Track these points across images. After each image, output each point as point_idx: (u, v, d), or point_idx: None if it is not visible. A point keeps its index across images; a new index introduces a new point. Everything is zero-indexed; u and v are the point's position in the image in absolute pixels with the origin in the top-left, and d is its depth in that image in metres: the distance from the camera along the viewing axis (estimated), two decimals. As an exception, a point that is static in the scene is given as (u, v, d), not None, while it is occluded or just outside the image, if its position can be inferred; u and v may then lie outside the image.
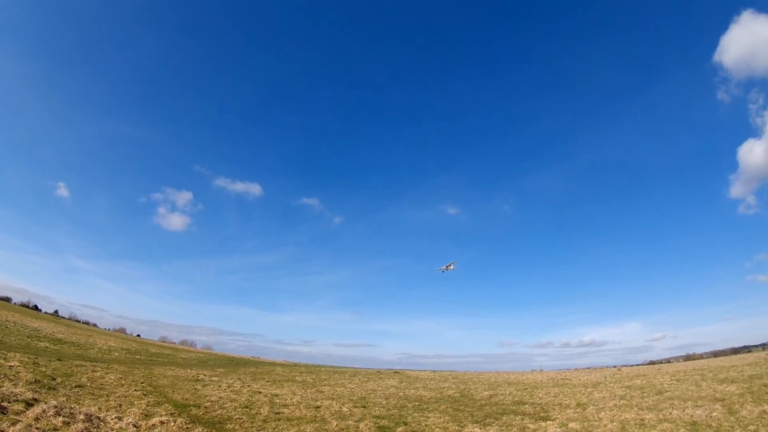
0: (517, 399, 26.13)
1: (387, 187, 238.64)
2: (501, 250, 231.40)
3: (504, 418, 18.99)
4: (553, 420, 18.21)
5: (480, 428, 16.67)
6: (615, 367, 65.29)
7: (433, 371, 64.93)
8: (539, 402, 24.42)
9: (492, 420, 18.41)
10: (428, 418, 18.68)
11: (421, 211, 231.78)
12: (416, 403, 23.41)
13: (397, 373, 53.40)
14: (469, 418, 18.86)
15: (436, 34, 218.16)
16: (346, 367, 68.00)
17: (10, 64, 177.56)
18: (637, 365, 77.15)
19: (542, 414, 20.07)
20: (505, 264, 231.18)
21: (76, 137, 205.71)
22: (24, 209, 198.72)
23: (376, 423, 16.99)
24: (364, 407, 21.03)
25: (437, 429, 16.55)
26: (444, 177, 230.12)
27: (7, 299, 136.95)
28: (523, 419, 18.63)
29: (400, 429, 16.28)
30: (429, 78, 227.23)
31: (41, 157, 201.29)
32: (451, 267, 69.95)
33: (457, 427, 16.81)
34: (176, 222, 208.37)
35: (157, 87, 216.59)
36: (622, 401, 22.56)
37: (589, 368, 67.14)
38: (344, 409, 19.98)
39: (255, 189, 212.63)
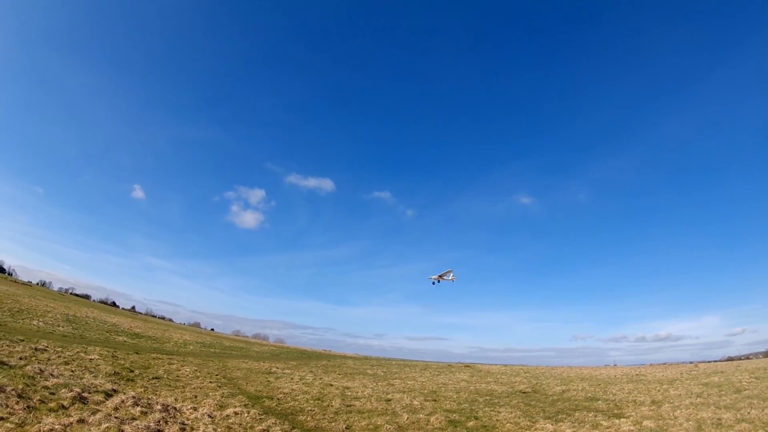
0: (589, 395, 28.81)
1: (458, 177, 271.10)
2: (575, 240, 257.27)
3: (576, 414, 21.10)
4: (627, 417, 20.07)
5: (552, 424, 18.44)
6: (691, 363, 74.21)
7: (505, 365, 71.76)
8: (612, 398, 26.84)
9: (564, 416, 20.50)
10: (499, 413, 21.10)
11: (492, 201, 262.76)
12: (487, 398, 26.45)
13: (468, 366, 61.29)
14: (541, 414, 21.15)
15: (499, 26, 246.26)
16: (416, 361, 76.98)
17: (81, 75, 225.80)
18: (714, 361, 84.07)
19: (616, 411, 22.17)
20: (579, 255, 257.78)
21: (149, 141, 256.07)
22: (102, 212, 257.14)
23: (446, 417, 19.36)
24: (434, 401, 23.99)
25: (508, 424, 18.51)
26: (516, 166, 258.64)
27: (87, 296, 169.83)
28: (596, 416, 20.59)
29: (471, 423, 18.40)
30: (496, 69, 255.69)
31: (116, 162, 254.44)
32: (450, 277, 67.00)
33: (528, 423, 18.83)
34: (249, 219, 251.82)
35: (227, 90, 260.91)
36: (698, 399, 24.58)
37: (664, 364, 75.79)
38: (415, 402, 23.09)
39: (327, 184, 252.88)
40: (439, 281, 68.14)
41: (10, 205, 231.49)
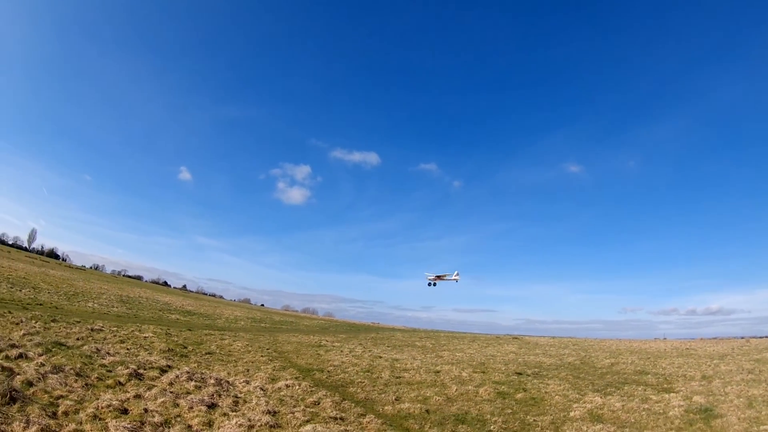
0: (639, 368, 30.08)
1: (505, 146, 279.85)
2: (624, 209, 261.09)
3: (625, 387, 21.91)
4: (677, 392, 20.81)
5: (601, 397, 19.31)
6: (743, 338, 75.67)
7: (553, 337, 75.25)
8: (662, 372, 27.94)
9: (613, 389, 21.37)
10: (548, 385, 22.19)
11: (540, 170, 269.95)
12: (536, 370, 27.89)
13: (516, 338, 63.94)
14: (590, 387, 22.13)
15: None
16: (464, 333, 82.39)
17: (118, 65, 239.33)
18: (766, 337, 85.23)
19: (665, 385, 23.04)
20: (629, 224, 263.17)
21: (192, 124, 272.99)
22: (150, 195, 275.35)
23: (495, 389, 20.46)
24: (483, 372, 25.42)
25: (557, 397, 19.50)
26: (563, 133, 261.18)
27: (139, 277, 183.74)
28: (645, 390, 21.44)
29: (520, 395, 19.49)
30: (541, 35, 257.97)
31: (161, 146, 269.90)
32: (452, 277, 64.11)
33: (577, 396, 19.78)
34: (296, 195, 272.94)
35: (267, 69, 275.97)
36: (749, 376, 25.08)
37: (715, 338, 77.94)
38: (464, 374, 24.12)
39: (372, 158, 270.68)
40: (435, 283, 65.30)
41: (61, 194, 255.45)
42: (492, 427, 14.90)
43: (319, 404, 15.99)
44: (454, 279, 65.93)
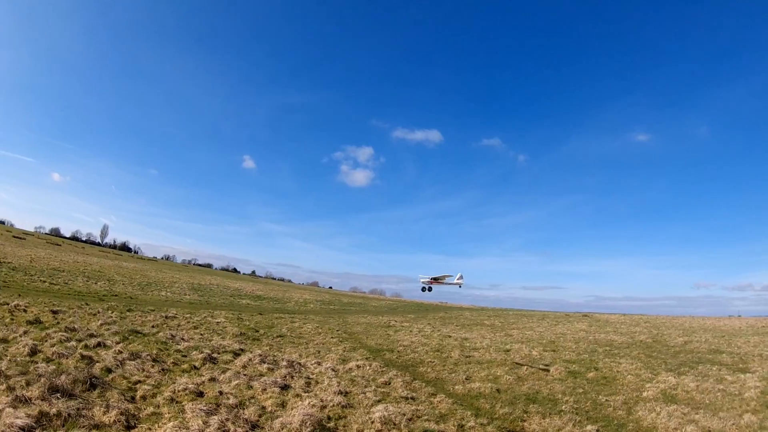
0: (713, 347, 30.56)
1: (569, 117, 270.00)
2: (696, 179, 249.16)
3: (699, 367, 22.22)
4: (753, 372, 20.98)
5: (674, 377, 19.42)
6: None
7: (623, 315, 75.65)
8: (737, 351, 28.27)
9: (687, 369, 21.63)
10: (620, 364, 22.41)
11: (606, 140, 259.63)
12: (607, 348, 28.38)
13: (585, 316, 65.43)
14: (663, 366, 22.36)
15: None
16: (533, 311, 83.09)
17: (175, 62, 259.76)
18: None
19: (741, 365, 23.38)
20: (701, 195, 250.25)
21: (253, 114, 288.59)
22: (215, 186, 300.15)
23: (566, 368, 20.92)
24: (553, 351, 26.06)
25: (629, 376, 19.70)
26: (628, 101, 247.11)
27: (209, 265, 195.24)
28: (719, 369, 21.68)
29: (591, 374, 19.85)
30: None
31: (224, 136, 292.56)
32: (456, 281, 57.84)
33: (650, 375, 19.95)
34: (359, 177, 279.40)
35: (322, 53, 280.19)
36: None
37: None
38: (534, 352, 24.94)
39: (434, 136, 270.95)
40: (431, 287, 61.27)
41: (130, 190, 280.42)
42: (563, 407, 14.95)
43: (389, 384, 16.38)
44: (456, 284, 62.36)
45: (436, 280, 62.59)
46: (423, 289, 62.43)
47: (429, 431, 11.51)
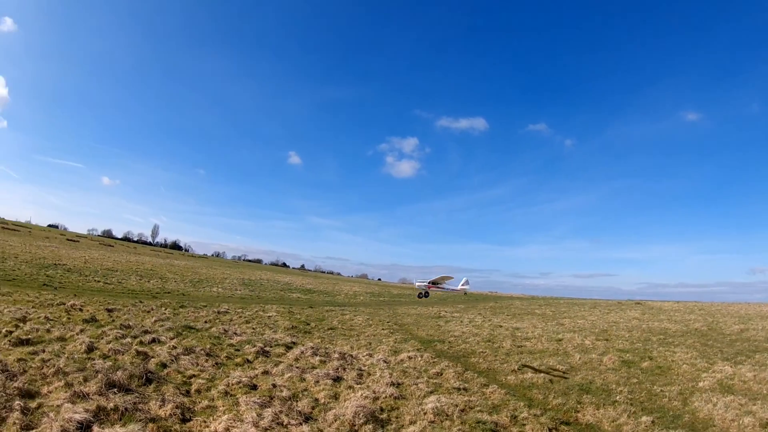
0: None
1: (615, 97, 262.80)
2: (749, 158, 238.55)
3: (757, 356, 21.69)
4: None
5: (731, 366, 18.93)
6: None
7: (677, 302, 73.83)
8: None
9: (744, 358, 21.10)
10: (674, 353, 22.13)
11: (654, 121, 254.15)
12: (661, 337, 28.19)
13: (638, 304, 64.79)
14: (719, 355, 21.96)
15: None
16: (584, 299, 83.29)
17: (214, 63, 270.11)
18: None
19: None
20: (756, 175, 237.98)
21: (296, 110, 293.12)
22: (262, 182, 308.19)
23: (619, 357, 20.74)
24: (606, 340, 26.07)
25: (684, 365, 19.37)
26: (675, 78, 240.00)
27: (259, 261, 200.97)
28: None
29: (645, 364, 19.62)
30: None
31: (269, 134, 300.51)
32: (460, 287, 54.43)
33: (706, 365, 19.55)
34: (405, 168, 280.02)
35: (362, 47, 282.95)
36: None
37: None
38: (586, 342, 24.99)
39: (479, 123, 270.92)
40: (428, 293, 54.66)
41: (178, 190, 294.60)
42: (617, 397, 14.70)
43: (441, 375, 16.42)
44: (461, 290, 58.36)
45: (434, 283, 58.38)
46: (419, 296, 56.31)
47: (482, 422, 11.37)
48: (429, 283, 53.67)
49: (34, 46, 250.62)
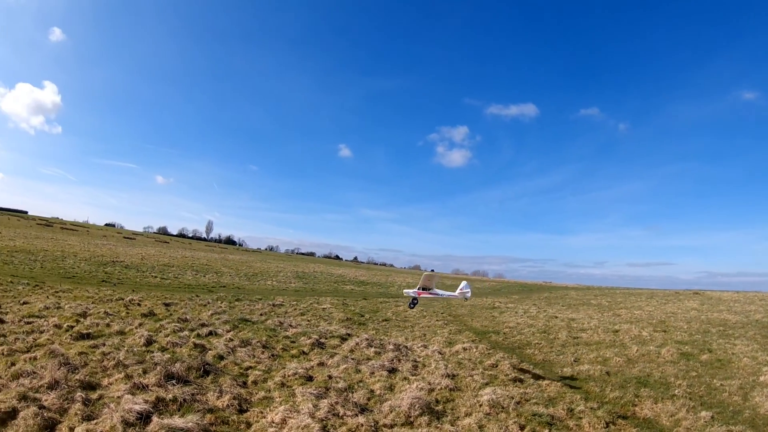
0: None
1: (669, 78, 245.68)
2: None
3: None
4: None
5: None
6: None
7: (737, 292, 70.09)
8: None
9: None
10: (735, 345, 21.69)
11: (711, 101, 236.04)
12: (720, 328, 27.47)
13: (696, 293, 62.74)
14: None
15: None
16: (640, 289, 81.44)
17: (262, 61, 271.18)
18: None
19: None
20: None
21: (345, 103, 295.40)
22: (314, 176, 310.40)
23: (678, 349, 20.44)
24: (664, 332, 25.66)
25: (745, 359, 18.87)
26: (731, 55, 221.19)
27: (312, 254, 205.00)
28: None
29: (705, 357, 19.27)
30: None
31: (318, 127, 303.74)
32: (459, 291, 45.50)
33: (767, 358, 19.09)
34: (456, 158, 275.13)
35: (409, 37, 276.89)
36: None
37: None
38: (644, 333, 24.71)
39: (529, 109, 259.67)
40: (415, 302, 50.63)
41: (231, 186, 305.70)
42: (676, 391, 14.41)
43: (497, 367, 16.40)
44: (459, 294, 53.45)
45: (424, 288, 56.38)
46: (411, 305, 55.91)
47: (538, 415, 11.28)
48: (419, 289, 48.15)
49: (83, 52, 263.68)
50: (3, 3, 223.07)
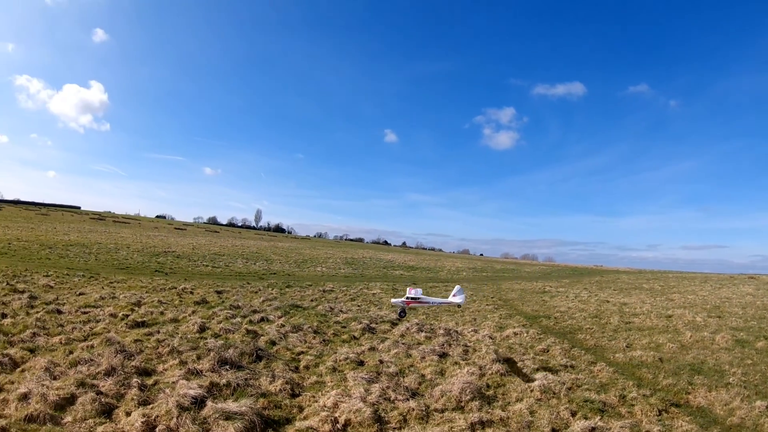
0: None
1: (721, 49, 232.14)
2: None
3: None
4: None
5: None
6: None
7: None
8: None
9: None
10: None
11: (764, 73, 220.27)
12: None
13: (752, 278, 61.88)
14: None
15: None
16: (694, 273, 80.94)
17: (306, 46, 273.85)
18: None
19: None
20: None
21: (390, 87, 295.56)
22: (360, 162, 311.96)
23: (733, 335, 19.83)
24: (718, 317, 25.02)
25: None
26: None
27: (360, 240, 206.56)
28: None
29: (761, 344, 18.58)
30: None
31: (363, 114, 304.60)
32: (451, 299, 36.83)
33: None
34: (503, 140, 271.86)
35: (447, 19, 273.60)
36: None
37: None
38: (697, 318, 24.13)
39: (577, 88, 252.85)
40: (403, 312, 39.18)
41: (278, 175, 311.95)
42: (730, 379, 13.82)
43: (548, 352, 16.24)
44: (452, 302, 39.81)
45: (416, 299, 49.98)
46: (400, 315, 47.52)
47: (589, 401, 10.98)
48: (407, 298, 39.99)
49: (127, 51, 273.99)
50: (45, 9, 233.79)
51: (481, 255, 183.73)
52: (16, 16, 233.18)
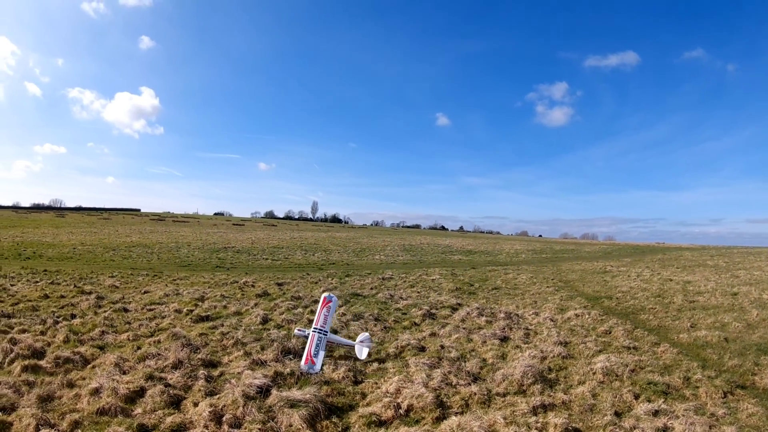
0: None
1: None
2: None
3: None
4: None
5: None
6: None
7: None
8: None
9: None
10: None
11: None
12: None
13: None
14: None
15: None
16: (761, 247, 78.24)
17: (350, 34, 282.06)
18: None
19: None
20: None
21: (436, 71, 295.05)
22: (413, 147, 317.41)
23: None
24: None
25: None
26: None
27: (417, 226, 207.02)
28: None
29: None
30: None
31: (414, 98, 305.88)
32: (356, 341, 15.47)
33: None
34: (558, 116, 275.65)
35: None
36: None
37: None
38: (764, 296, 23.20)
39: (630, 57, 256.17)
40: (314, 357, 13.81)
41: (332, 165, 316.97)
42: None
43: (610, 333, 15.90)
44: (351, 346, 14.94)
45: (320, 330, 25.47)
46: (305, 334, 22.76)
47: (653, 383, 10.61)
48: (314, 329, 11.18)
49: (174, 55, 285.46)
50: (90, 22, 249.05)
51: (540, 236, 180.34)
52: (62, 32, 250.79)
